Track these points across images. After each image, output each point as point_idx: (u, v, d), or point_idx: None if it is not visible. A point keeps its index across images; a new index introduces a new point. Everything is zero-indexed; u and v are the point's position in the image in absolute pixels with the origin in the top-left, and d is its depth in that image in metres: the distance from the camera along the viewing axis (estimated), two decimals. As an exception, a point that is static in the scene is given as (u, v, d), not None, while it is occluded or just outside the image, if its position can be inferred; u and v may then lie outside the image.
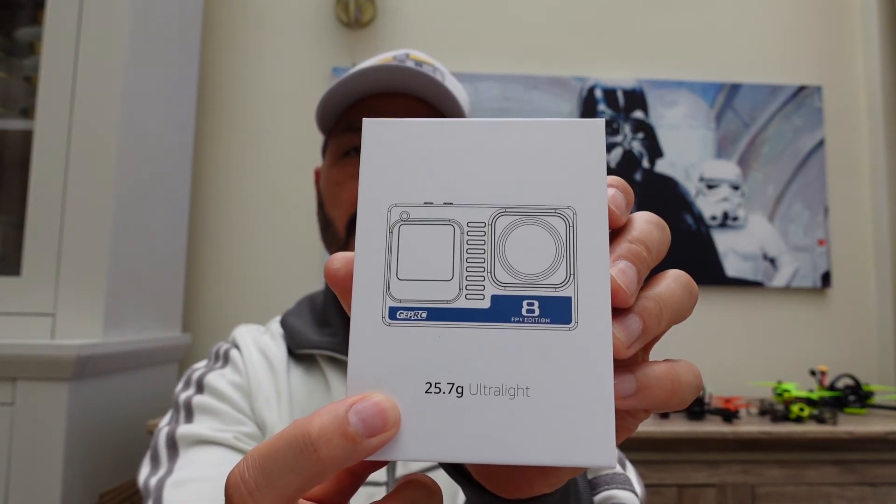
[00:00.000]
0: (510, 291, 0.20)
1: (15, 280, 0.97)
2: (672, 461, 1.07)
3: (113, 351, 1.01)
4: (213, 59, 1.52)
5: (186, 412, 0.54)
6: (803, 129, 1.56)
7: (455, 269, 0.20)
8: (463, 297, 0.20)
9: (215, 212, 1.49)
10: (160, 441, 0.52)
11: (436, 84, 0.55)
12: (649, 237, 0.22)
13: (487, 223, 0.20)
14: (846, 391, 1.26)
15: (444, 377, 0.19)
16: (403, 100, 0.57)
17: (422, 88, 0.56)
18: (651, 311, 0.21)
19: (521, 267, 0.20)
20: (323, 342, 0.58)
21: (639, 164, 1.53)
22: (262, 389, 0.56)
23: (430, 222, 0.21)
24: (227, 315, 1.46)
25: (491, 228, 0.20)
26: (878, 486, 1.08)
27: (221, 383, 0.56)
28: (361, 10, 1.50)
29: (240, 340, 0.62)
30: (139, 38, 1.09)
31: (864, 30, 1.61)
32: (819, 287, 1.52)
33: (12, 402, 0.91)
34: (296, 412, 0.57)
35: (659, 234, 0.23)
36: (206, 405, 0.54)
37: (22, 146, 1.09)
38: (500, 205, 0.20)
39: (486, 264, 0.20)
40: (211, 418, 0.53)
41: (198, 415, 0.54)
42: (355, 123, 0.57)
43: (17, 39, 1.16)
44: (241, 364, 0.59)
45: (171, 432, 0.52)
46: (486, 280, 0.20)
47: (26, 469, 0.90)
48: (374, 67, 0.54)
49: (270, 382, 0.57)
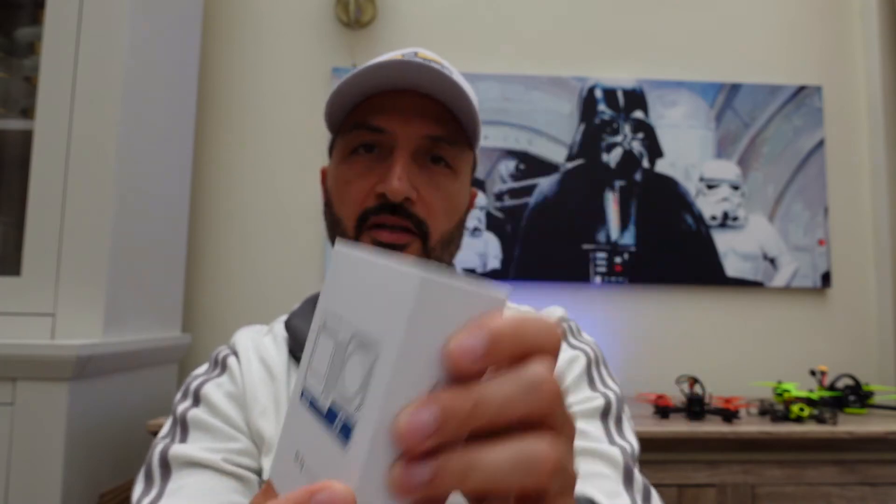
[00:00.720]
0: (337, 403, 0.24)
1: (15, 280, 0.97)
2: (672, 461, 1.06)
3: (113, 351, 1.01)
4: (213, 58, 1.52)
5: (182, 428, 0.55)
6: (803, 129, 1.56)
7: (325, 374, 0.26)
8: (322, 397, 0.25)
9: (215, 212, 1.49)
10: (154, 459, 0.53)
11: (446, 79, 0.53)
12: (491, 396, 0.22)
13: (346, 343, 0.25)
14: (846, 391, 1.26)
15: (300, 449, 0.26)
16: (413, 97, 0.56)
17: (431, 84, 0.54)
18: (443, 470, 0.21)
19: (348, 385, 0.24)
20: None
21: (639, 164, 1.53)
22: (259, 401, 0.56)
23: (328, 333, 0.26)
24: (226, 315, 1.46)
25: (344, 349, 0.25)
26: (878, 486, 1.08)
27: (217, 395, 0.57)
28: (361, 10, 1.50)
29: (239, 347, 0.61)
30: (139, 37, 1.09)
31: (864, 29, 1.61)
32: (819, 287, 1.52)
33: (12, 402, 0.91)
34: None
35: (520, 395, 0.23)
36: (199, 421, 0.55)
37: (22, 146, 1.09)
38: (355, 331, 0.24)
39: (336, 377, 0.25)
40: (203, 435, 0.54)
41: (192, 431, 0.54)
42: (363, 121, 0.56)
43: (17, 39, 1.16)
44: (238, 373, 0.59)
45: (164, 451, 0.53)
46: (333, 389, 0.25)
47: (26, 469, 0.90)
48: (383, 63, 0.53)
49: (268, 392, 0.57)
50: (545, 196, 1.51)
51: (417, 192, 0.54)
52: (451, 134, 0.56)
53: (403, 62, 0.52)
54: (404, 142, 0.55)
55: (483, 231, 1.50)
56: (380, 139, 0.55)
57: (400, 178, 0.53)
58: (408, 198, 0.54)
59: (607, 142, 1.53)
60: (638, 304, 1.51)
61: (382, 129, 0.55)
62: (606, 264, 1.50)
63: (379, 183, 0.54)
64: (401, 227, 0.54)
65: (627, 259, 1.50)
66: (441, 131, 0.56)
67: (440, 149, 0.56)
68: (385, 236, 0.54)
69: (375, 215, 0.54)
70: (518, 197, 1.51)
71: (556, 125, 1.53)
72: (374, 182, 0.55)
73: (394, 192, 0.52)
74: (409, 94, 0.56)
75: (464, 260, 1.47)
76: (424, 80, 0.54)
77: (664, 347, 1.51)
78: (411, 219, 0.54)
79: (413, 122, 0.55)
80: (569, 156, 1.53)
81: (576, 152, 1.53)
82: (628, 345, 1.50)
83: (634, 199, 1.52)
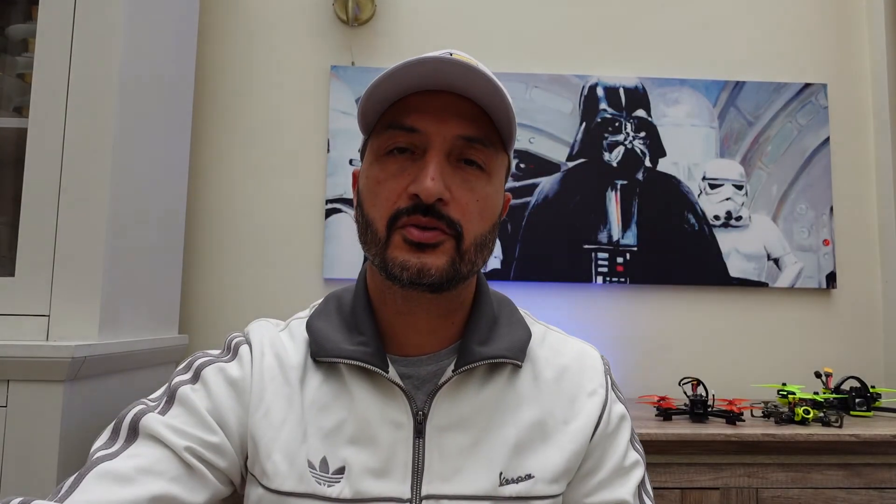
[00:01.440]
0: None
1: (9, 280, 0.96)
2: (675, 464, 1.05)
3: (109, 352, 1.00)
4: (210, 56, 1.51)
5: (168, 399, 0.55)
6: (808, 127, 1.55)
7: None
8: None
9: (212, 212, 1.47)
10: (127, 418, 0.53)
11: (480, 76, 0.52)
12: None
13: None
14: (852, 393, 1.25)
15: None
16: (447, 97, 0.55)
17: (466, 83, 0.53)
18: None
19: None
20: (355, 352, 0.56)
21: (641, 164, 1.52)
22: (265, 400, 0.56)
23: None
24: (224, 316, 1.44)
25: None
26: (885, 490, 1.07)
27: (217, 381, 0.56)
28: (360, 8, 1.49)
29: (253, 337, 0.60)
30: (134, 34, 1.08)
31: (870, 26, 1.60)
32: (824, 288, 1.51)
33: (6, 404, 0.90)
34: (309, 420, 0.56)
35: None
36: (187, 400, 0.54)
37: (16, 145, 1.08)
38: None
39: None
40: (183, 414, 0.54)
41: (175, 406, 0.54)
42: (397, 121, 0.55)
43: (10, 36, 1.15)
44: (249, 363, 0.58)
45: (139, 414, 0.53)
46: None
47: (20, 472, 0.89)
48: (416, 61, 0.52)
49: (279, 392, 0.57)
50: (546, 195, 1.50)
51: (451, 193, 0.53)
52: (486, 135, 0.56)
53: (437, 59, 0.51)
54: (438, 142, 0.54)
55: (484, 231, 1.48)
56: (413, 140, 0.54)
57: (433, 179, 0.52)
58: (441, 199, 0.53)
59: (609, 140, 1.52)
60: (640, 304, 1.50)
61: (416, 129, 0.54)
62: (608, 264, 1.48)
63: (412, 183, 0.53)
64: (433, 227, 0.53)
65: (629, 259, 1.49)
66: (475, 132, 0.55)
67: (474, 150, 0.55)
68: (416, 234, 0.53)
69: (407, 216, 0.53)
70: (519, 196, 1.49)
71: (558, 124, 1.52)
72: (406, 183, 0.54)
73: (427, 193, 0.51)
74: (443, 94, 0.55)
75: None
76: (459, 79, 0.53)
77: (667, 349, 1.49)
78: (444, 220, 0.53)
79: (447, 123, 0.54)
80: (570, 155, 1.51)
81: (577, 151, 1.51)
82: (630, 346, 1.49)
83: (636, 199, 1.51)
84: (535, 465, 0.56)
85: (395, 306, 0.58)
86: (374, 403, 0.56)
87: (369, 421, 0.55)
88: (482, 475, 0.54)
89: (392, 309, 0.58)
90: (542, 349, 0.63)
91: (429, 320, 0.58)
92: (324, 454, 0.54)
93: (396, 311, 0.58)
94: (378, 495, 0.53)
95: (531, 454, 0.56)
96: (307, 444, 0.55)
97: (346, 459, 0.54)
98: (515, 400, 0.58)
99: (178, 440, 0.51)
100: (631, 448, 0.61)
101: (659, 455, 1.04)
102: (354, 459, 0.54)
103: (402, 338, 0.59)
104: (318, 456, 0.54)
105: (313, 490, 0.53)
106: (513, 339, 0.60)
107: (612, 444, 0.60)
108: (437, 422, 0.56)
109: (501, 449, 0.56)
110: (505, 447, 0.56)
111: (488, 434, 0.56)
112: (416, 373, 0.58)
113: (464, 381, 0.58)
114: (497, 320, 0.62)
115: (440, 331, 0.59)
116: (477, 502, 0.54)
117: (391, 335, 0.59)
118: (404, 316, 0.58)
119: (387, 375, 0.55)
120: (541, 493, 0.55)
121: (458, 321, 0.60)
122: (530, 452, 0.57)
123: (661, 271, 1.49)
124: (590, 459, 0.59)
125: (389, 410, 0.56)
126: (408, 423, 0.55)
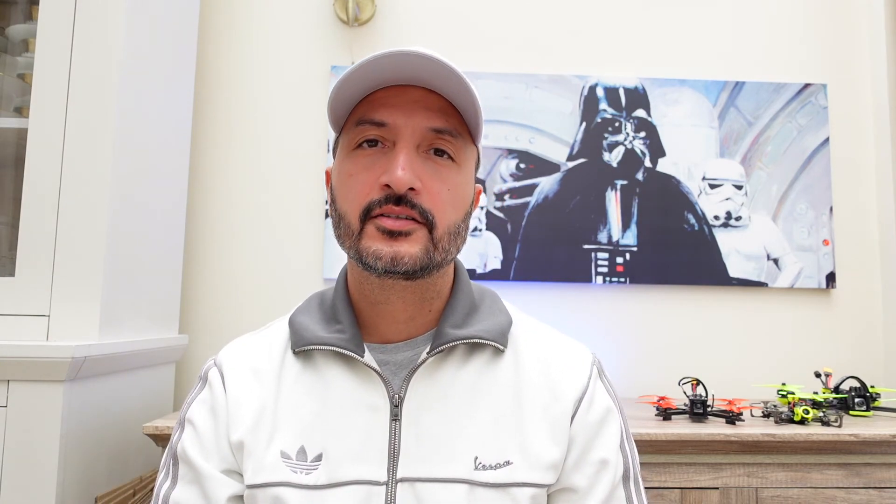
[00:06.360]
0: None
1: (9, 280, 0.96)
2: (675, 464, 1.05)
3: (109, 352, 1.00)
4: (210, 56, 1.51)
5: (173, 464, 0.58)
6: (808, 127, 1.55)
7: None
8: None
9: (213, 212, 1.47)
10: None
11: (444, 68, 0.53)
12: None
13: None
14: (852, 393, 1.25)
15: None
16: (415, 91, 0.55)
17: (432, 76, 0.54)
18: None
19: None
20: (330, 338, 0.57)
21: (641, 164, 1.52)
22: (243, 417, 0.57)
23: None
24: (224, 316, 1.44)
25: None
26: (885, 489, 1.07)
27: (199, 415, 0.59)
28: (360, 8, 1.49)
29: (222, 359, 0.62)
30: (135, 34, 1.08)
31: (870, 27, 1.60)
32: (824, 288, 1.51)
33: (6, 404, 0.90)
34: (287, 412, 0.57)
35: None
36: (185, 456, 0.57)
37: (16, 145, 1.08)
38: None
39: None
40: (187, 470, 0.57)
41: (181, 465, 0.57)
42: (366, 116, 0.55)
43: (11, 36, 1.15)
44: (220, 385, 0.60)
45: (163, 497, 0.57)
46: None
47: (20, 473, 0.89)
48: (382, 56, 0.52)
49: (255, 399, 0.58)
50: (546, 196, 1.50)
51: (422, 182, 0.54)
52: (454, 126, 0.56)
53: (403, 53, 0.52)
54: (407, 134, 0.54)
55: (483, 231, 1.48)
56: (383, 133, 0.55)
57: (404, 168, 0.52)
58: (412, 188, 0.53)
59: (609, 141, 1.52)
60: (640, 304, 1.50)
61: (385, 122, 0.55)
62: (608, 264, 1.48)
63: (383, 174, 0.54)
64: (405, 216, 0.54)
65: (629, 259, 1.49)
66: (444, 123, 0.55)
67: (443, 141, 0.56)
68: (389, 223, 0.53)
69: (380, 206, 0.54)
70: (519, 196, 1.49)
71: (557, 124, 1.52)
72: (378, 174, 0.54)
73: (398, 182, 0.52)
74: (410, 88, 0.56)
75: (464, 260, 1.46)
76: (425, 73, 0.54)
77: (666, 349, 1.49)
78: (416, 209, 0.54)
79: (415, 115, 0.55)
80: (570, 155, 1.51)
81: (577, 151, 1.51)
82: (630, 346, 1.49)
83: (636, 199, 1.51)
84: (514, 451, 0.55)
85: (372, 296, 0.58)
86: (351, 389, 0.57)
87: (346, 406, 0.56)
88: (458, 459, 0.54)
89: (369, 299, 0.59)
90: (529, 341, 0.62)
91: (405, 308, 0.59)
92: (301, 443, 0.55)
93: (373, 301, 0.59)
94: (353, 479, 0.53)
95: (508, 440, 0.56)
96: (283, 436, 0.56)
97: (324, 446, 0.55)
98: (493, 383, 0.58)
99: (218, 492, 0.55)
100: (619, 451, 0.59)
101: (658, 455, 1.04)
102: (332, 445, 0.55)
103: (380, 327, 0.60)
104: (295, 446, 0.55)
105: (287, 479, 0.54)
106: (492, 323, 0.60)
107: (597, 435, 0.58)
108: (414, 403, 0.56)
109: (478, 432, 0.55)
110: (482, 431, 0.55)
111: (465, 417, 0.56)
112: (392, 359, 0.58)
113: (441, 363, 0.58)
114: (477, 308, 0.62)
115: (417, 318, 0.60)
116: (452, 485, 0.53)
117: (370, 325, 0.60)
118: (381, 305, 0.59)
119: (363, 360, 0.56)
120: (521, 479, 0.54)
121: (435, 309, 0.60)
122: (507, 438, 0.56)
123: (661, 271, 1.49)
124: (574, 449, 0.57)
125: (366, 395, 0.56)
126: (384, 407, 0.56)
